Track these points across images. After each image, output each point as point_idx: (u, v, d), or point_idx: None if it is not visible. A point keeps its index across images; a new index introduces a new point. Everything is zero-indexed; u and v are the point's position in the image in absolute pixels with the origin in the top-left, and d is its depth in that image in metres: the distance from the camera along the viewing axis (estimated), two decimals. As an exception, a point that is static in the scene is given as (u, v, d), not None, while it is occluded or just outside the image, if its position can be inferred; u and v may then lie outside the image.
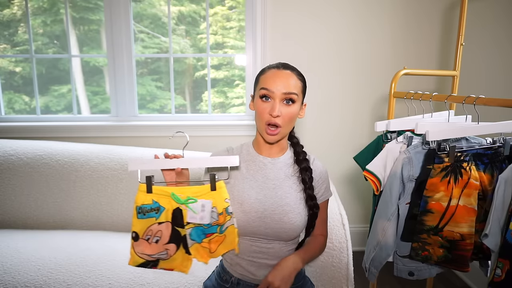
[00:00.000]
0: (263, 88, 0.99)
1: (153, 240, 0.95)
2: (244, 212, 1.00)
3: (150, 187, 0.93)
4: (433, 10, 2.18)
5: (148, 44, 2.29)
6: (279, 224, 1.00)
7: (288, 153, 1.10)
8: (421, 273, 1.29)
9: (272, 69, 1.02)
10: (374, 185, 1.29)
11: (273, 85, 0.98)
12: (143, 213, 0.93)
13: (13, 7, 2.19)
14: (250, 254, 1.04)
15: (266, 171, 1.06)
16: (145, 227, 0.94)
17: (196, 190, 0.95)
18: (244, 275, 1.05)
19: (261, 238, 1.03)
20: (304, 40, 2.16)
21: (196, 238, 0.97)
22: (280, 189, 1.04)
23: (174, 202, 0.94)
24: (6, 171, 1.73)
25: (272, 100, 0.99)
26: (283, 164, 1.08)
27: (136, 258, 0.96)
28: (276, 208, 1.01)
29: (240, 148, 1.12)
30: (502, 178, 0.97)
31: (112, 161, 1.77)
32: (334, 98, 2.25)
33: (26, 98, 2.29)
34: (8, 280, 1.27)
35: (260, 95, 1.00)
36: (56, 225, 1.71)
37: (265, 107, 0.99)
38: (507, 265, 0.93)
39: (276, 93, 0.98)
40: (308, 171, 1.06)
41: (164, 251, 0.96)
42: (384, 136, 1.38)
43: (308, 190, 1.05)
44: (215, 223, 0.95)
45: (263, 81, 1.00)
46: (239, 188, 1.03)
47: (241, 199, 1.01)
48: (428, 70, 2.06)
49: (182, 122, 2.22)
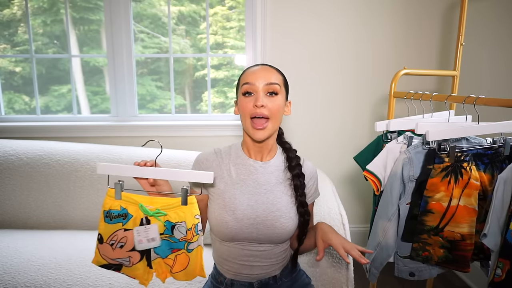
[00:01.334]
0: (245, 84, 0.98)
1: (117, 246, 0.92)
2: (236, 219, 0.99)
3: (119, 193, 0.90)
4: (433, 10, 2.17)
5: (148, 44, 2.29)
6: (271, 229, 1.00)
7: (279, 157, 1.08)
8: (422, 274, 1.29)
9: (251, 67, 1.03)
10: (374, 185, 1.29)
11: (254, 79, 0.97)
12: (110, 218, 0.90)
13: (13, 7, 2.19)
14: (241, 258, 1.03)
15: (257, 176, 1.04)
16: (110, 232, 0.91)
17: (168, 202, 0.91)
18: (237, 275, 1.05)
19: (252, 242, 1.02)
20: (304, 39, 2.16)
21: (160, 253, 0.94)
22: (271, 194, 1.02)
23: None
24: (6, 171, 1.73)
25: (255, 94, 0.98)
26: (274, 168, 1.06)
27: (99, 258, 0.94)
28: (268, 214, 1.00)
29: (228, 150, 1.09)
30: (502, 178, 0.97)
31: (112, 161, 1.77)
32: (335, 97, 2.25)
33: (26, 98, 2.29)
34: (8, 280, 1.27)
35: (242, 92, 0.99)
36: (56, 225, 1.71)
37: (248, 101, 0.97)
38: (507, 265, 0.93)
39: (258, 85, 0.97)
40: (301, 177, 1.05)
41: (127, 257, 0.93)
42: (384, 136, 1.38)
43: (299, 197, 1.03)
44: (183, 238, 0.91)
45: (243, 79, 1.00)
46: (230, 194, 1.01)
47: (233, 206, 1.00)
48: (428, 70, 2.06)
49: (182, 122, 2.22)
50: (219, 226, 1.00)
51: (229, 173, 1.04)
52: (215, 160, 1.06)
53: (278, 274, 1.07)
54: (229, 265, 1.05)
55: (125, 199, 0.91)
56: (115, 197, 0.90)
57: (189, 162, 1.76)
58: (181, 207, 0.91)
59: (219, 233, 1.02)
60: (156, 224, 0.90)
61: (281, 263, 1.08)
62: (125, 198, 0.91)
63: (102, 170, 0.89)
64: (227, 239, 1.02)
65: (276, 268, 1.07)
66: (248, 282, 1.05)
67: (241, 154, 1.07)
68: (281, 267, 1.08)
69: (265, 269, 1.04)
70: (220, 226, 1.00)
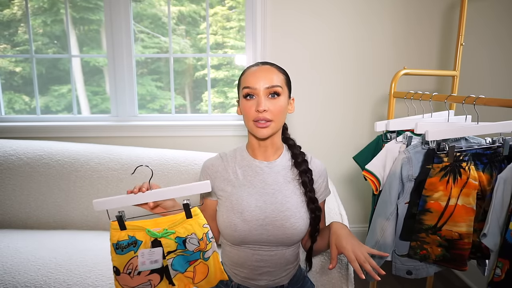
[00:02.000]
0: (245, 87, 0.97)
1: (135, 274, 0.91)
2: (245, 221, 0.98)
3: (123, 224, 0.89)
4: (434, 10, 2.17)
5: (148, 44, 2.29)
6: (282, 230, 0.98)
7: (285, 156, 1.07)
8: (419, 272, 1.29)
9: (251, 67, 1.00)
10: (373, 184, 1.29)
11: (254, 82, 0.96)
12: (121, 249, 0.89)
13: (13, 7, 2.19)
14: (251, 263, 1.02)
15: (263, 176, 1.03)
16: (124, 262, 0.90)
17: (173, 219, 0.90)
18: (245, 281, 1.04)
19: (263, 246, 1.01)
20: (304, 38, 2.16)
21: (179, 268, 0.93)
22: (280, 193, 1.01)
23: None
24: (6, 171, 1.73)
25: (256, 97, 0.96)
26: (281, 167, 1.05)
27: None
28: (277, 214, 0.98)
29: (233, 153, 1.09)
30: (501, 178, 0.97)
31: (112, 161, 1.77)
32: (335, 97, 2.25)
33: (26, 98, 2.29)
34: (8, 280, 1.27)
35: (243, 95, 0.98)
36: (56, 225, 1.72)
37: (250, 105, 0.96)
38: (506, 265, 0.93)
39: (258, 89, 0.95)
40: (308, 173, 1.03)
41: (147, 281, 0.93)
42: (383, 136, 1.38)
43: (309, 193, 1.02)
44: (197, 249, 0.91)
45: (244, 81, 0.98)
46: (238, 196, 1.00)
47: (241, 208, 0.99)
48: (428, 70, 2.07)
49: (182, 122, 2.22)
50: (228, 229, 0.99)
51: (236, 176, 1.04)
52: (221, 164, 1.06)
53: (286, 284, 1.06)
54: (238, 270, 1.04)
55: (131, 228, 0.90)
56: (119, 228, 0.89)
57: (189, 162, 1.76)
58: (187, 220, 0.90)
59: (228, 237, 1.01)
60: (161, 248, 0.89)
61: (290, 271, 1.06)
62: (130, 227, 0.89)
63: (99, 206, 0.88)
64: (237, 243, 1.01)
65: (285, 277, 1.05)
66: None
67: (246, 155, 1.06)
68: (290, 276, 1.07)
69: (274, 275, 1.03)
70: (229, 228, 0.99)
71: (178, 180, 1.72)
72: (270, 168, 1.04)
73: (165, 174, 1.73)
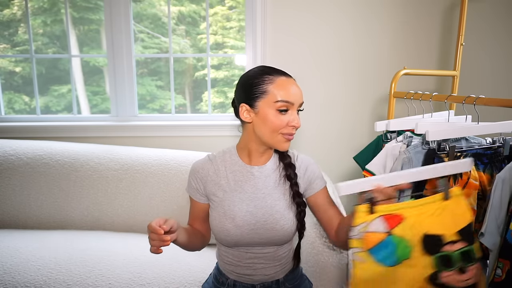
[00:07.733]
0: (282, 101, 0.94)
1: None
2: (237, 226, 0.99)
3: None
4: (433, 10, 2.17)
5: (148, 44, 2.29)
6: (272, 232, 1.00)
7: (274, 157, 1.08)
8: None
9: (280, 76, 0.97)
10: (374, 185, 1.28)
11: (292, 97, 0.95)
12: None
13: (13, 7, 2.19)
14: (245, 260, 1.04)
15: (255, 181, 1.03)
16: None
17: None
18: (241, 277, 1.05)
19: (256, 246, 1.03)
20: (304, 38, 2.16)
21: None
22: (270, 197, 1.02)
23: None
24: (6, 171, 1.73)
25: (291, 111, 0.97)
26: (271, 170, 1.05)
27: None
28: (267, 217, 1.00)
29: (222, 155, 1.08)
30: (500, 177, 0.97)
31: (112, 161, 1.77)
32: (335, 97, 2.25)
33: (26, 98, 2.29)
34: (8, 280, 1.27)
35: (278, 108, 0.94)
36: (56, 225, 1.71)
37: (283, 118, 0.95)
38: (507, 265, 0.93)
39: (295, 104, 0.97)
40: (291, 167, 1.04)
41: None
42: (384, 136, 1.38)
43: (294, 187, 1.03)
44: None
45: (278, 94, 0.94)
46: (229, 202, 1.02)
47: (233, 214, 1.00)
48: (428, 70, 2.06)
49: (182, 122, 2.22)
50: (221, 233, 1.01)
51: (227, 180, 1.04)
52: (211, 167, 1.06)
53: (282, 278, 1.07)
54: (232, 267, 1.05)
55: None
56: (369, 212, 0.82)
57: (189, 162, 1.76)
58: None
59: (221, 240, 1.03)
60: None
61: (285, 266, 1.07)
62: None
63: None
64: (230, 245, 1.03)
65: (280, 271, 1.06)
66: (251, 285, 1.05)
67: (238, 160, 1.06)
68: (285, 271, 1.08)
69: (269, 271, 1.04)
70: (222, 233, 1.01)
71: (178, 180, 1.72)
72: (261, 172, 1.05)
73: (165, 174, 1.73)
